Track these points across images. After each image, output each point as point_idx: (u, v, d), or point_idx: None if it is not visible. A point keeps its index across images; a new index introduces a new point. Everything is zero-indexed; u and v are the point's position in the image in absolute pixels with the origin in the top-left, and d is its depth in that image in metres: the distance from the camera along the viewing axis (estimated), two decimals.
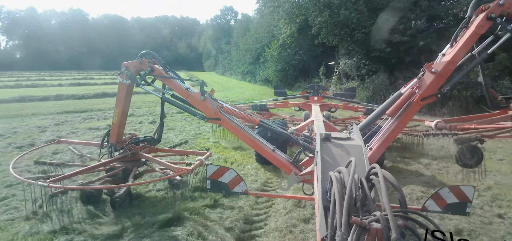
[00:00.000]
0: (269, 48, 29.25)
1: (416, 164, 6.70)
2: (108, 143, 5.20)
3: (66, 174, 4.38)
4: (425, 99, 3.71)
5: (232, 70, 48.22)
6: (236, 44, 46.62)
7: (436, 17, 13.60)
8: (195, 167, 4.55)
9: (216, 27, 69.73)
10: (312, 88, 9.67)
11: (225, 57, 56.29)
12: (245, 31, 43.82)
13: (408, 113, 3.91)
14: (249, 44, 36.92)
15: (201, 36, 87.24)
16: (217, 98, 5.29)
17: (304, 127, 6.46)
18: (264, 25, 32.84)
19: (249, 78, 36.20)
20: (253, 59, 35.86)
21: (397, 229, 1.75)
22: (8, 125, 10.13)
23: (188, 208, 4.46)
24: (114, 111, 5.04)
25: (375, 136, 4.17)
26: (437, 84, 3.59)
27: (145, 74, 4.78)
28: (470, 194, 3.02)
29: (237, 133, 4.51)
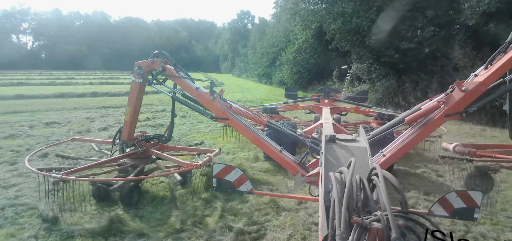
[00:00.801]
0: (285, 52, 30.58)
1: (424, 168, 6.63)
2: (120, 140, 5.27)
3: (78, 168, 4.43)
4: (449, 116, 3.72)
5: (248, 72, 49.77)
6: (253, 47, 48.13)
7: (441, 26, 14.64)
8: (203, 163, 4.56)
9: (233, 30, 71.61)
10: (323, 90, 9.75)
11: (242, 59, 57.97)
12: (261, 34, 45.29)
13: (429, 126, 3.91)
14: (266, 48, 38.36)
15: (218, 39, 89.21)
16: (236, 98, 6.24)
17: (313, 129, 6.51)
18: (281, 30, 34.20)
19: (265, 80, 37.62)
20: (270, 62, 37.25)
21: (398, 229, 1.76)
22: (60, 116, 11.82)
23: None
24: (126, 109, 5.13)
25: (391, 144, 4.18)
26: (465, 102, 3.60)
27: (156, 74, 4.86)
28: (478, 200, 2.97)
29: (245, 133, 4.57)
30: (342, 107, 9.43)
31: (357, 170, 2.99)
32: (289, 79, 29.36)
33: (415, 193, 5.27)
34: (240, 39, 64.45)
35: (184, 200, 4.65)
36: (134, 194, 4.45)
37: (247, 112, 5.25)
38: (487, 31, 13.37)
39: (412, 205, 4.77)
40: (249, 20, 73.80)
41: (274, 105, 9.46)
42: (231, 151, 7.67)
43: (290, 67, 29.08)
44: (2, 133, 8.80)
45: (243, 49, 58.45)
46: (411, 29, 15.01)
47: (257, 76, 41.46)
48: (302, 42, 25.88)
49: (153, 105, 15.63)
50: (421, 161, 7.09)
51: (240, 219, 4.18)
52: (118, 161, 5.07)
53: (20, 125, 9.95)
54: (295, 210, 4.46)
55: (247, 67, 51.29)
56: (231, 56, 69.82)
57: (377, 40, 16.15)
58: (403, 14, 15.37)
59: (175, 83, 4.92)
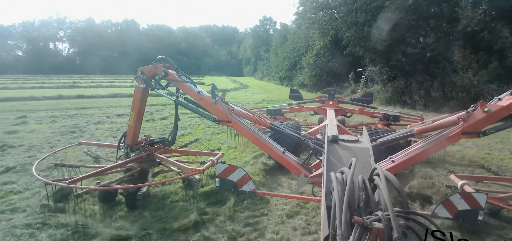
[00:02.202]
0: (305, 57, 32.98)
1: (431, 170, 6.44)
2: (124, 144, 5.33)
3: (83, 176, 4.49)
4: (466, 134, 3.69)
5: (270, 76, 52.37)
6: (275, 52, 50.71)
7: (442, 33, 16.72)
8: (206, 167, 4.57)
9: (255, 36, 74.32)
10: (328, 92, 9.70)
11: (264, 63, 60.65)
12: (283, 40, 47.83)
13: (444, 140, 3.89)
14: (287, 53, 40.87)
15: (240, 44, 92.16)
16: (260, 98, 7.76)
17: (317, 131, 6.49)
18: (301, 36, 36.63)
19: (286, 82, 40.10)
20: (290, 66, 39.71)
21: (399, 228, 1.77)
22: (125, 111, 14.80)
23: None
24: (130, 114, 5.15)
25: (402, 151, 4.19)
26: (485, 123, 3.61)
27: (159, 79, 4.88)
28: (483, 202, 2.92)
29: (247, 135, 4.57)
30: (347, 109, 9.47)
31: (359, 170, 2.99)
32: (309, 81, 31.71)
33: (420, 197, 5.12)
34: (262, 44, 67.12)
35: (187, 202, 4.68)
36: (138, 197, 4.48)
37: (249, 114, 5.29)
38: (482, 37, 15.33)
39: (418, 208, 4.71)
40: (271, 26, 76.31)
41: (278, 106, 9.43)
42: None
43: (310, 70, 31.44)
44: (92, 120, 11.88)
45: (265, 53, 61.13)
46: (416, 36, 17.16)
47: (279, 79, 43.99)
48: (320, 47, 28.29)
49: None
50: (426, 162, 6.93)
51: (240, 219, 4.15)
52: (124, 166, 5.10)
53: (99, 116, 12.99)
54: (297, 211, 4.43)
55: (269, 70, 53.94)
56: (254, 60, 72.64)
57: (386, 46, 18.38)
58: (409, 23, 17.56)
59: (178, 88, 4.95)
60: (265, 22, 76.70)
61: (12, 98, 19.18)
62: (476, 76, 15.03)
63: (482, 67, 15.33)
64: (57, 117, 12.69)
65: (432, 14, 16.95)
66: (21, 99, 19.04)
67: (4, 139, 8.52)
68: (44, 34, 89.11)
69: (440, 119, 4.70)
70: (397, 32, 17.91)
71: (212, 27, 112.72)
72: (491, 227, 4.04)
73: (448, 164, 6.94)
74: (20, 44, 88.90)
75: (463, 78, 15.36)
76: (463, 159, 7.46)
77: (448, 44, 16.50)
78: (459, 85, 15.41)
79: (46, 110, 14.73)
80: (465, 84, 15.13)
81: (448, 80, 16.08)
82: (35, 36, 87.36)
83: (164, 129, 10.74)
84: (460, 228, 3.94)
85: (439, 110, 15.64)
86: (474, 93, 14.64)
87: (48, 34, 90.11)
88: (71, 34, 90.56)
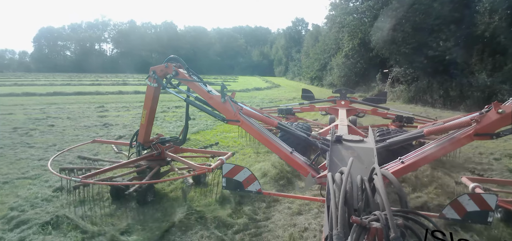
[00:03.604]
0: (335, 58, 34.79)
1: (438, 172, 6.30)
2: (136, 142, 5.41)
3: (97, 171, 4.61)
4: (479, 135, 3.62)
5: (301, 76, 54.39)
6: (306, 53, 52.61)
7: (461, 37, 18.17)
8: (215, 166, 4.64)
9: (288, 37, 76.09)
10: (340, 92, 9.63)
11: (295, 64, 62.63)
12: (314, 41, 49.65)
13: (456, 142, 3.82)
14: (318, 54, 42.77)
15: (272, 44, 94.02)
16: (292, 96, 8.18)
17: (327, 131, 6.36)
18: (331, 38, 38.41)
19: (317, 82, 42.03)
20: (321, 66, 41.59)
21: (397, 228, 1.78)
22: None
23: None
24: (142, 113, 5.22)
25: (413, 152, 4.12)
26: (498, 125, 3.54)
27: (170, 78, 4.95)
28: (493, 203, 2.87)
29: (255, 134, 4.57)
30: (359, 109, 9.38)
31: (362, 170, 3.01)
32: (338, 81, 33.50)
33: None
34: (294, 45, 68.94)
35: (196, 200, 4.76)
36: (149, 194, 4.61)
37: (258, 114, 5.34)
38: (499, 42, 16.65)
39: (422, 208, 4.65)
40: (303, 27, 77.70)
41: (289, 106, 9.33)
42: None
43: (339, 71, 33.24)
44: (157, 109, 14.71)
45: (297, 54, 63.06)
46: (437, 40, 18.69)
47: (309, 79, 45.96)
48: (349, 49, 30.06)
49: None
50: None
51: (243, 217, 4.22)
52: (136, 163, 5.24)
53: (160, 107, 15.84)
54: (301, 211, 4.47)
55: (300, 70, 55.95)
56: (285, 60, 74.60)
57: (410, 49, 20.02)
58: (432, 27, 19.12)
59: (189, 87, 4.98)
60: (297, 23, 78.36)
61: (83, 93, 22.95)
62: (490, 78, 16.39)
63: (497, 69, 16.64)
64: (128, 107, 15.79)
65: (453, 19, 18.41)
66: (88, 94, 22.74)
67: (103, 120, 11.56)
68: (91, 36, 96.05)
69: (452, 120, 4.65)
70: (420, 36, 19.51)
71: (245, 28, 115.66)
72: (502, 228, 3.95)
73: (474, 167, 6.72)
74: (68, 45, 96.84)
75: (478, 79, 16.77)
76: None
77: (467, 48, 17.90)
78: (474, 85, 16.83)
79: (115, 102, 17.97)
80: (480, 85, 16.54)
81: (465, 81, 17.52)
82: (82, 37, 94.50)
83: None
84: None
85: (456, 108, 17.10)
86: (488, 93, 16.03)
87: (94, 36, 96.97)
88: (115, 35, 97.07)
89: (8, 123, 10.94)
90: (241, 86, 36.05)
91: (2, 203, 4.62)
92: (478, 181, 4.38)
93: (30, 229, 3.90)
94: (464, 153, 7.59)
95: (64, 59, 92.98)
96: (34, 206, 4.50)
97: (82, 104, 17.13)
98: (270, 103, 19.24)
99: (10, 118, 12.12)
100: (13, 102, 17.40)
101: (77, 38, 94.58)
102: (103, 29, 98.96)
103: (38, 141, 8.43)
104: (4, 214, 4.25)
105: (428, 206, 4.70)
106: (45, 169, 5.99)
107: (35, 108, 14.92)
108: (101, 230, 3.81)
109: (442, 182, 5.71)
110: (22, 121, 11.33)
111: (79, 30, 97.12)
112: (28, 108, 14.88)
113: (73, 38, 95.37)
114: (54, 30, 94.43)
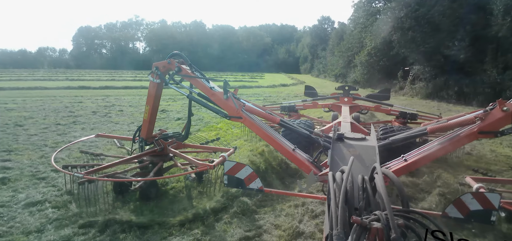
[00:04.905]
0: (359, 56, 36.23)
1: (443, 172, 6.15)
2: (139, 137, 5.40)
3: (100, 166, 4.68)
4: (483, 133, 3.60)
5: (326, 73, 55.81)
6: (332, 51, 53.90)
7: (476, 37, 19.47)
8: (217, 163, 4.59)
9: (313, 34, 76.75)
10: (343, 88, 9.61)
11: (321, 61, 63.78)
12: (340, 40, 50.82)
13: (460, 140, 3.79)
14: (343, 52, 44.13)
15: (298, 42, 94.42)
16: (318, 92, 8.60)
17: (330, 128, 6.32)
18: (356, 37, 39.79)
19: (341, 80, 43.49)
20: (345, 64, 43.00)
21: (397, 228, 1.77)
22: None
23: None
24: (145, 108, 5.22)
25: (416, 150, 4.10)
26: (503, 123, 3.53)
27: (173, 74, 4.93)
28: (496, 202, 2.86)
29: (258, 131, 4.59)
30: (362, 106, 9.35)
31: (363, 169, 3.09)
32: (361, 78, 34.98)
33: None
34: (320, 43, 69.69)
35: (197, 196, 4.78)
36: (152, 190, 4.60)
37: (260, 111, 5.31)
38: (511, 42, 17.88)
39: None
40: (329, 25, 77.90)
41: (292, 103, 9.29)
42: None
43: (363, 68, 34.71)
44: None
45: (322, 52, 64.22)
46: (453, 40, 20.07)
47: (334, 77, 47.44)
48: (372, 48, 31.54)
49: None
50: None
51: (243, 215, 4.21)
52: (139, 159, 5.23)
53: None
54: (303, 209, 4.44)
55: (325, 68, 57.30)
56: (311, 58, 75.57)
57: (428, 48, 21.46)
58: (449, 28, 20.49)
59: (191, 83, 4.97)
60: (323, 21, 78.68)
61: (130, 87, 26.09)
62: (500, 75, 17.67)
63: (510, 67, 17.85)
64: (173, 98, 18.47)
65: (468, 20, 19.72)
66: (134, 88, 25.80)
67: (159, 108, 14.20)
68: (125, 35, 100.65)
69: (456, 117, 4.61)
70: (438, 36, 20.93)
71: (272, 26, 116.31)
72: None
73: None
74: (104, 43, 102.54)
75: (490, 76, 18.06)
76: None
77: (481, 47, 19.19)
78: (486, 82, 18.16)
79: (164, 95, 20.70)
80: (491, 82, 17.86)
81: (478, 78, 18.85)
82: (117, 36, 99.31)
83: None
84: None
85: (469, 104, 18.47)
86: (498, 90, 17.34)
87: (128, 35, 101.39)
88: (147, 34, 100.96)
89: (83, 109, 13.84)
90: (267, 82, 38.39)
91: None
92: (482, 180, 4.30)
93: None
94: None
95: (100, 56, 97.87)
96: None
97: (134, 96, 20.01)
98: (295, 97, 21.24)
99: (82, 105, 15.06)
100: (74, 94, 20.58)
101: (112, 37, 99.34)
102: (136, 28, 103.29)
103: (119, 120, 11.11)
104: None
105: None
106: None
107: (98, 98, 17.96)
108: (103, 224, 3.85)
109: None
110: (93, 108, 14.15)
111: (114, 29, 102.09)
112: (92, 99, 17.93)
113: (108, 37, 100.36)
114: (91, 29, 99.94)
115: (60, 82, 30.85)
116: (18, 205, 4.52)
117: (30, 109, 13.58)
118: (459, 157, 7.06)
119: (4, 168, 5.98)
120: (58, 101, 16.60)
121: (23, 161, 6.46)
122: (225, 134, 9.22)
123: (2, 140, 8.10)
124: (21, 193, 4.94)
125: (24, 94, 19.55)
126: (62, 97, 18.26)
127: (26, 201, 4.63)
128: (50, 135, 8.93)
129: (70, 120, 11.10)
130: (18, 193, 4.95)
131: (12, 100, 16.53)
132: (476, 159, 7.31)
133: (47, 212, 4.31)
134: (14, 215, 4.24)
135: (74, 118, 11.66)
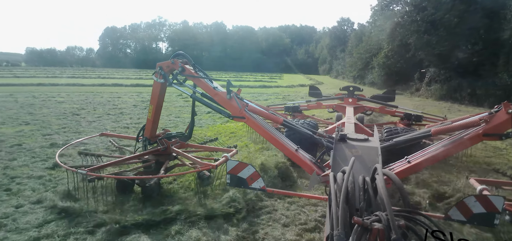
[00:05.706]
0: (376, 58, 36.99)
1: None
2: (143, 137, 5.48)
3: (101, 165, 4.77)
4: (487, 136, 3.59)
5: (344, 74, 56.53)
6: (350, 52, 54.55)
7: (488, 41, 20.18)
8: (219, 163, 4.61)
9: (332, 36, 77.00)
10: (347, 89, 9.57)
11: (339, 62, 64.35)
12: (358, 41, 51.41)
13: (464, 142, 3.77)
14: (361, 53, 44.85)
15: (317, 43, 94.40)
16: (333, 93, 9.38)
17: (334, 129, 6.26)
18: (373, 39, 40.52)
19: (359, 81, 44.25)
20: (363, 65, 43.73)
21: (398, 229, 1.78)
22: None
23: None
24: (149, 108, 5.32)
25: (420, 152, 4.10)
26: (507, 126, 3.51)
27: (176, 74, 4.98)
28: (499, 205, 2.83)
29: (261, 131, 4.60)
30: (367, 107, 9.32)
31: (366, 170, 3.10)
32: (379, 80, 35.77)
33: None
34: (339, 44, 69.91)
35: (200, 195, 4.79)
36: (154, 189, 4.63)
37: (263, 111, 5.33)
38: None
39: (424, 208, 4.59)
40: (349, 26, 77.89)
41: (296, 103, 9.23)
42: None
43: (380, 70, 35.49)
44: None
45: (341, 53, 64.72)
46: (467, 43, 20.85)
47: (352, 78, 48.20)
48: (389, 50, 32.35)
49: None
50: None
51: (245, 214, 4.22)
52: (142, 158, 5.27)
53: None
54: (305, 209, 4.41)
55: (344, 69, 57.95)
56: (330, 59, 75.93)
57: (443, 51, 22.29)
58: (463, 32, 21.27)
59: (195, 83, 4.98)
60: (342, 23, 78.72)
61: None
62: (511, 78, 18.37)
63: None
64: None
65: (482, 25, 20.45)
66: None
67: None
68: (149, 35, 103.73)
69: (461, 119, 4.58)
70: (453, 39, 21.72)
71: (291, 27, 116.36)
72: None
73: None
74: (129, 43, 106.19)
75: (501, 79, 18.78)
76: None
77: (494, 51, 19.91)
78: (498, 84, 18.88)
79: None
80: (503, 84, 18.58)
81: (491, 80, 19.58)
82: (141, 36, 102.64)
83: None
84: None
85: (481, 105, 19.19)
86: (509, 92, 18.03)
87: (152, 35, 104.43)
88: (170, 35, 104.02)
89: (124, 103, 15.66)
90: (286, 82, 39.83)
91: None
92: (486, 183, 4.28)
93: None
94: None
95: (125, 56, 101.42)
96: None
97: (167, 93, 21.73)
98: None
99: (121, 100, 16.91)
100: (109, 90, 22.57)
101: (136, 37, 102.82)
102: (159, 29, 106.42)
103: (162, 113, 12.54)
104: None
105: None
106: (176, 125, 9.85)
107: (133, 94, 19.86)
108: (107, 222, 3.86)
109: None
110: (133, 103, 15.95)
111: (138, 30, 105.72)
112: (128, 94, 19.84)
113: (133, 37, 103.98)
114: (117, 29, 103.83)
115: (93, 79, 33.30)
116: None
117: (78, 102, 15.55)
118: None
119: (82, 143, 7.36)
120: (99, 96, 18.60)
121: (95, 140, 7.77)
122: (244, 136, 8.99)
123: (70, 124, 9.95)
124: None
125: (65, 90, 21.77)
126: (100, 93, 20.29)
127: None
128: (106, 122, 10.69)
129: (117, 111, 12.91)
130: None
131: (58, 94, 18.65)
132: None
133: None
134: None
135: (120, 110, 13.47)
